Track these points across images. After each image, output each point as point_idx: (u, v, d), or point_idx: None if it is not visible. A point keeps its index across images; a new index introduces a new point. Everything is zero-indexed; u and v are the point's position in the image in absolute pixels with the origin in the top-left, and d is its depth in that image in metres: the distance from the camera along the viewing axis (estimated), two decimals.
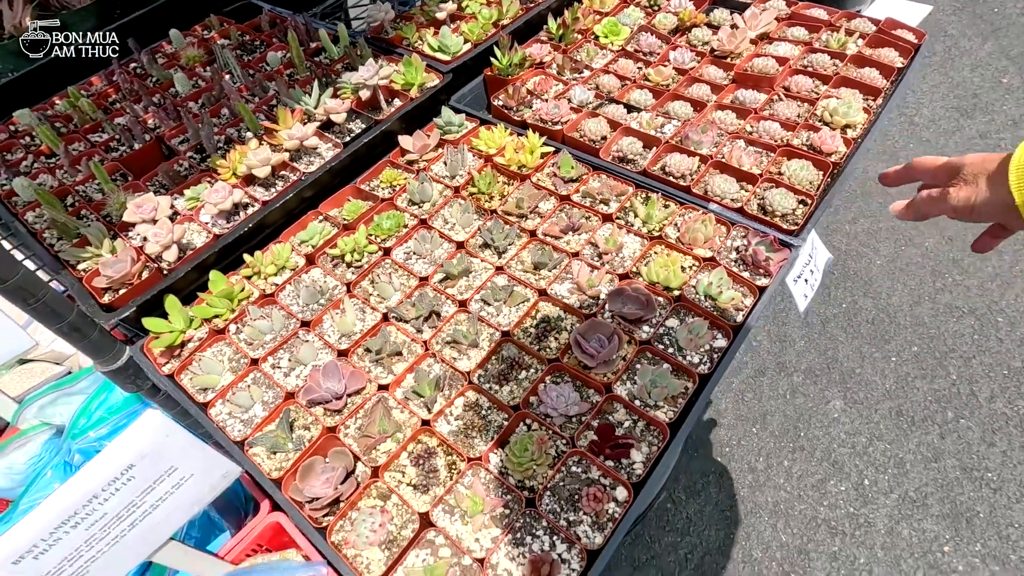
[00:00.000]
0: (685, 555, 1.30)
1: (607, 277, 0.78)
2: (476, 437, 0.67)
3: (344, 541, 0.60)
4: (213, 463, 1.04)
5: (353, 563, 0.57)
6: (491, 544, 0.59)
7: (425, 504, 0.61)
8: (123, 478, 0.92)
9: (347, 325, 0.78)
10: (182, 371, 0.78)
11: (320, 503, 0.62)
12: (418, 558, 0.59)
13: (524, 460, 0.62)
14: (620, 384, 0.69)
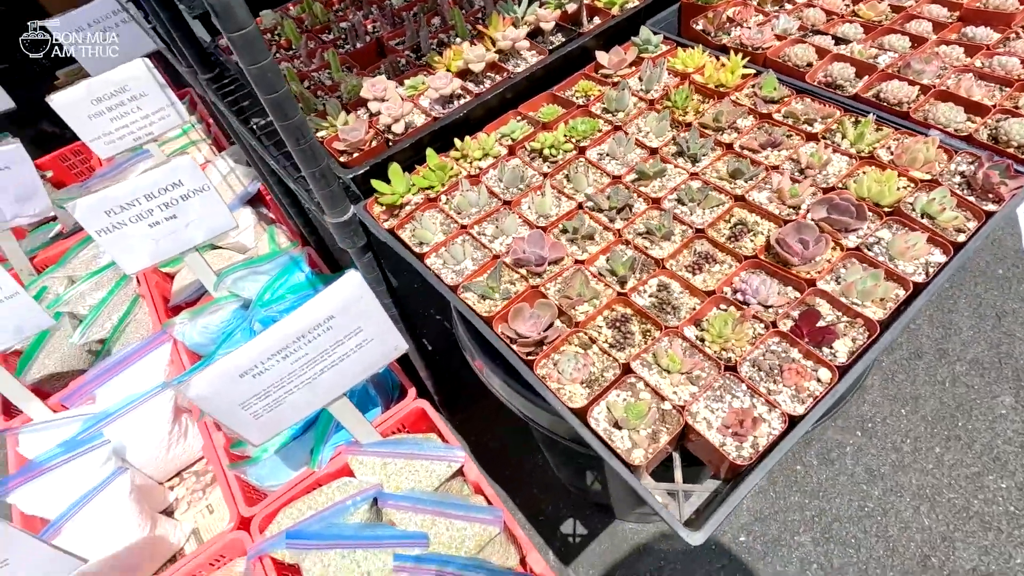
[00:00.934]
0: (812, 517, 1.26)
1: (810, 189, 0.77)
2: (670, 314, 0.70)
3: (548, 376, 0.66)
4: (390, 333, 1.16)
5: (557, 394, 0.63)
6: (689, 397, 0.62)
7: (624, 357, 0.66)
8: (324, 326, 1.05)
9: (545, 206, 0.84)
10: (400, 227, 0.88)
11: (527, 341, 0.68)
12: (619, 397, 0.64)
13: (724, 331, 0.65)
14: (823, 283, 0.67)
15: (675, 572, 1.24)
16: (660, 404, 0.61)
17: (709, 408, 0.61)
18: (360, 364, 1.15)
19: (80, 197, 1.48)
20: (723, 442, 0.57)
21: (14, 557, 0.94)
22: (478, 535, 1.15)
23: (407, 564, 1.11)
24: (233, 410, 1.03)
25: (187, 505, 1.51)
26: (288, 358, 1.04)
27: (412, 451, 1.27)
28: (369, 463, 1.28)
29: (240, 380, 1.01)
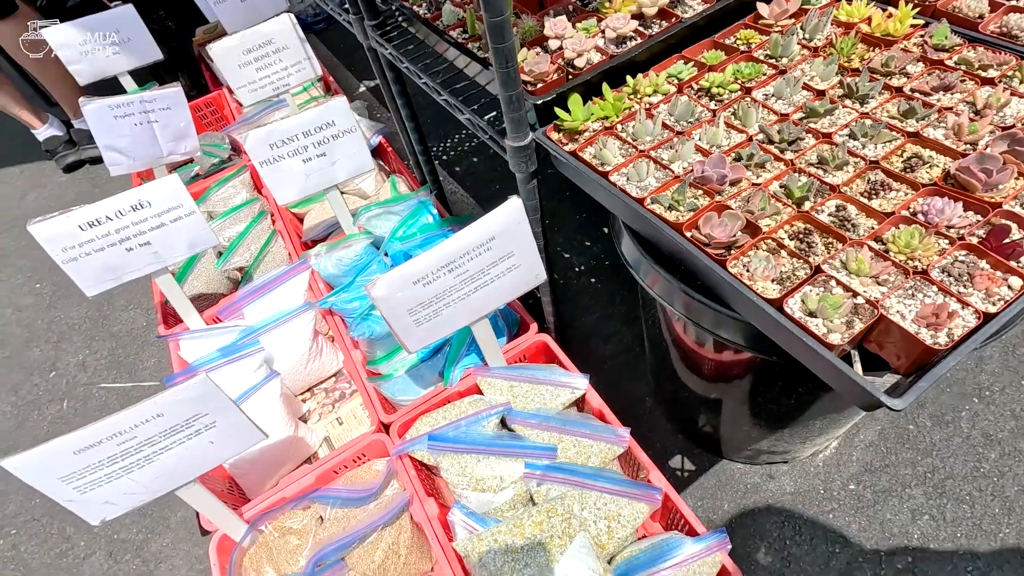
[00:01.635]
0: (924, 473, 1.29)
1: (989, 127, 0.80)
2: (850, 231, 0.76)
3: (739, 274, 0.74)
4: (535, 262, 1.26)
5: (751, 287, 0.71)
6: (880, 296, 0.68)
7: (814, 261, 0.73)
8: (485, 246, 1.16)
9: (717, 137, 0.91)
10: (581, 150, 0.97)
11: (718, 243, 0.76)
12: (812, 291, 0.71)
13: (911, 243, 0.70)
14: (1008, 206, 0.70)
15: (782, 511, 1.30)
16: (853, 299, 0.67)
17: (901, 303, 0.67)
18: (506, 288, 1.25)
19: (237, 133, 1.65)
20: (918, 331, 0.63)
21: (220, 421, 1.09)
22: (603, 452, 1.24)
23: (536, 472, 1.21)
24: (402, 314, 1.15)
25: (318, 417, 1.67)
26: (452, 272, 1.15)
27: (537, 376, 1.38)
28: (497, 385, 1.39)
29: (413, 287, 1.13)
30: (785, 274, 0.73)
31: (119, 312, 2.15)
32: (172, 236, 1.53)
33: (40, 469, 0.99)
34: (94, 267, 1.48)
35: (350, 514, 1.28)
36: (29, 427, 1.87)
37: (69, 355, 2.05)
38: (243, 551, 1.28)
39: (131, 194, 1.46)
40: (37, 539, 1.60)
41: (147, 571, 1.49)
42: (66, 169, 2.87)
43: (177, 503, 1.60)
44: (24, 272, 2.42)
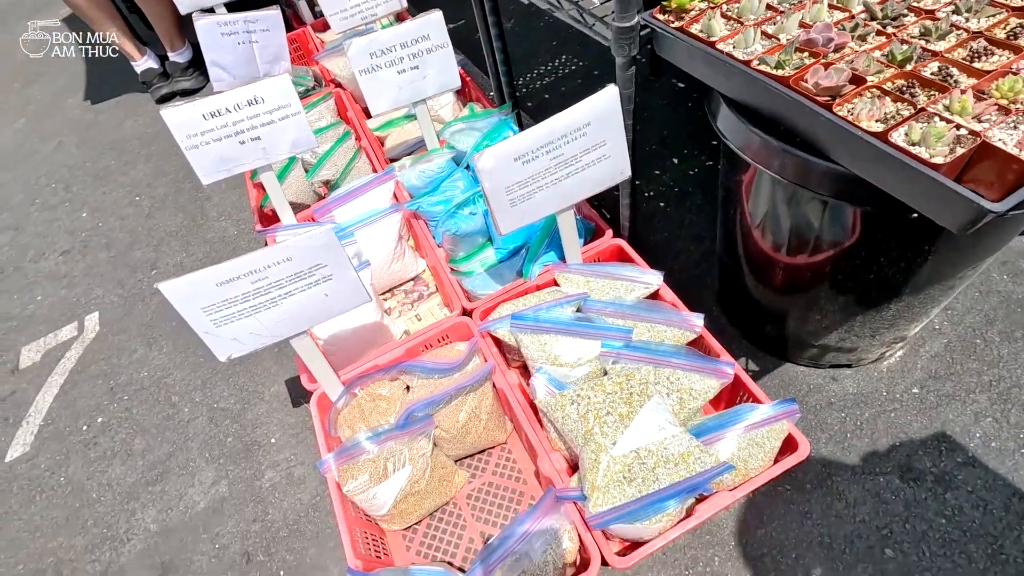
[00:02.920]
0: (989, 382, 1.33)
1: None
2: (952, 87, 0.82)
3: (845, 116, 0.80)
4: (623, 156, 1.34)
5: (856, 124, 0.77)
6: (980, 128, 0.74)
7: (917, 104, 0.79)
8: (581, 131, 1.25)
9: (820, 13, 0.97)
10: (688, 26, 1.04)
11: (823, 92, 0.83)
12: (916, 124, 0.77)
13: (1015, 87, 0.75)
14: None
15: (844, 408, 1.35)
16: (956, 131, 0.73)
17: (1004, 133, 0.72)
18: (594, 178, 1.34)
19: (327, 59, 1.77)
20: (1020, 153, 0.69)
21: (336, 275, 1.22)
22: (676, 338, 1.32)
23: (612, 350, 1.30)
24: (501, 190, 1.25)
25: (398, 314, 1.80)
26: (549, 153, 1.24)
27: (613, 272, 1.46)
28: (574, 279, 1.48)
29: (513, 163, 1.23)
30: (889, 115, 0.79)
31: (212, 222, 2.33)
32: (279, 133, 1.67)
33: (188, 296, 1.13)
34: (212, 157, 1.63)
35: (435, 383, 1.41)
36: (135, 315, 2.06)
37: (168, 256, 2.24)
38: (338, 411, 1.41)
39: (248, 89, 1.59)
40: (146, 404, 1.79)
41: (244, 434, 1.65)
42: (159, 100, 3.08)
43: (271, 378, 1.76)
44: (124, 187, 2.63)
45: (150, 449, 1.68)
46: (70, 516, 1.59)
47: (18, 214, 2.64)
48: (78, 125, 3.11)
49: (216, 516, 1.50)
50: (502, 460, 1.43)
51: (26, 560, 1.53)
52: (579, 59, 2.56)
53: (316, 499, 1.48)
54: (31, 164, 2.93)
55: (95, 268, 2.28)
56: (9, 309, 2.22)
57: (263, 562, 1.40)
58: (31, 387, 1.93)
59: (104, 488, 1.63)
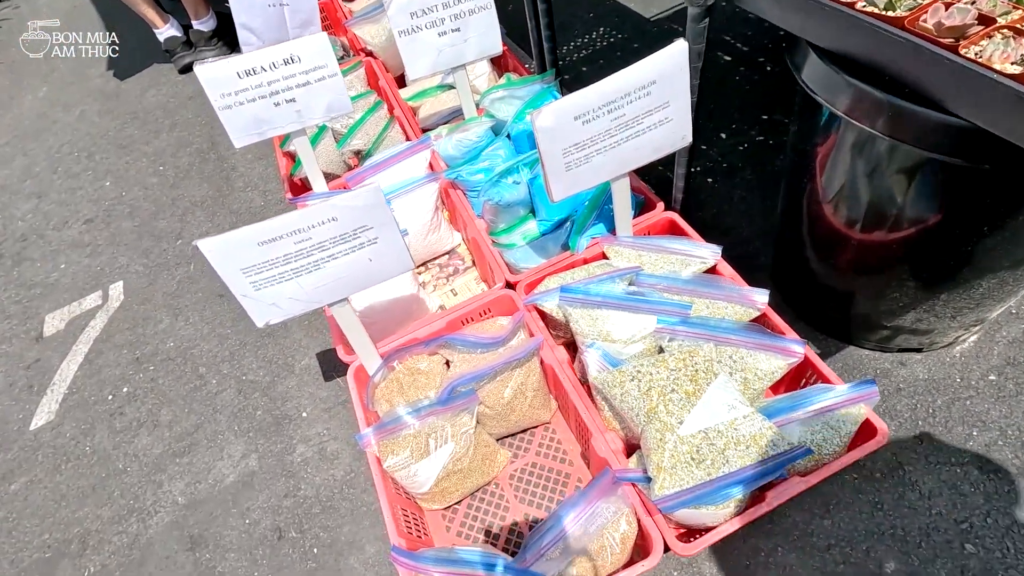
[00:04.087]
0: None
1: None
2: None
3: (973, 59, 0.72)
4: (685, 119, 1.25)
5: (988, 66, 0.69)
6: None
7: None
8: (645, 90, 1.16)
9: None
10: None
11: (945, 32, 0.74)
12: None
13: None
14: None
15: (914, 394, 1.27)
16: None
17: None
18: (654, 142, 1.25)
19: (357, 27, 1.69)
20: None
21: (381, 237, 1.15)
22: (737, 315, 1.24)
23: (668, 327, 1.22)
24: (557, 152, 1.17)
25: (433, 288, 1.73)
26: (611, 113, 1.16)
27: (666, 246, 1.38)
28: (624, 253, 1.40)
29: (573, 122, 1.14)
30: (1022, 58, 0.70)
31: (238, 192, 2.27)
32: (314, 96, 1.59)
33: (228, 255, 1.07)
34: (245, 118, 1.56)
35: (478, 358, 1.34)
36: (160, 284, 2.01)
37: (193, 227, 2.19)
38: (375, 384, 1.35)
39: (284, 47, 1.52)
40: (172, 375, 1.74)
41: (274, 407, 1.60)
42: (182, 70, 3.01)
43: (302, 351, 1.70)
44: (148, 156, 2.58)
45: (177, 420, 1.63)
46: (96, 486, 1.55)
47: (41, 182, 2.60)
48: (100, 94, 3.06)
49: (246, 490, 1.45)
50: (546, 440, 1.37)
51: (51, 529, 1.49)
52: (617, 31, 2.46)
53: (350, 475, 1.42)
54: (53, 132, 2.88)
55: (119, 237, 2.23)
56: (33, 276, 2.18)
57: (295, 539, 1.35)
58: (55, 355, 1.89)
59: (130, 459, 1.58)
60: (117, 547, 1.42)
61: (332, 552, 1.31)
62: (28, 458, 1.65)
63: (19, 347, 1.94)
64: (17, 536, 1.49)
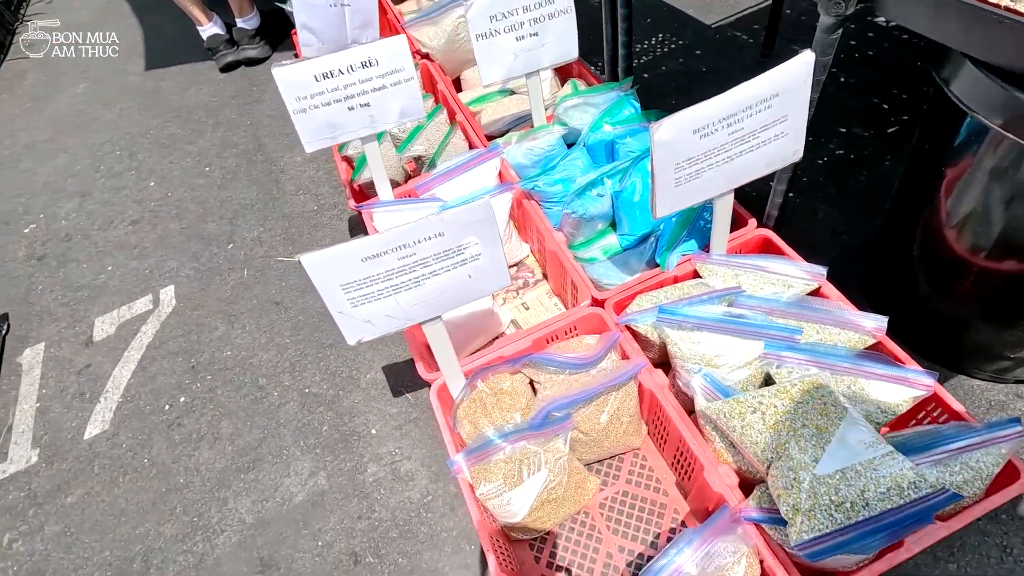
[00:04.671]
0: None
1: None
2: None
3: None
4: (799, 134, 1.19)
5: None
6: None
7: None
8: (766, 103, 1.10)
9: None
10: None
11: None
12: None
13: None
14: None
15: None
16: None
17: None
18: (766, 158, 1.19)
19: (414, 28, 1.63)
20: None
21: (485, 253, 1.09)
22: (851, 342, 1.17)
23: (775, 353, 1.16)
24: (670, 167, 1.11)
25: (503, 301, 1.67)
26: (730, 127, 1.10)
27: (765, 265, 1.31)
28: (719, 272, 1.34)
29: (691, 136, 1.08)
30: None
31: (288, 196, 2.22)
32: (389, 100, 1.54)
33: (329, 270, 1.01)
34: (318, 122, 1.50)
35: (568, 379, 1.27)
36: (213, 290, 1.96)
37: (244, 231, 2.13)
38: (457, 405, 1.29)
39: (362, 50, 1.47)
40: (232, 386, 1.69)
41: (340, 422, 1.54)
42: (224, 68, 2.96)
43: (367, 364, 1.64)
44: (192, 156, 2.53)
45: (239, 434, 1.58)
46: (156, 501, 1.49)
47: (83, 180, 2.56)
48: (139, 92, 3.02)
49: (317, 510, 1.40)
50: (636, 467, 1.30)
51: (112, 546, 1.44)
52: (677, 37, 2.39)
53: (427, 499, 1.36)
54: (94, 130, 2.84)
55: (167, 239, 2.18)
56: (79, 278, 2.13)
57: (372, 564, 1.29)
58: (107, 361, 1.84)
59: (192, 473, 1.52)
60: (182, 567, 1.37)
61: None
62: (84, 469, 1.60)
63: (68, 351, 1.89)
64: (76, 552, 1.44)
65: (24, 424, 1.73)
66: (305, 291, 1.87)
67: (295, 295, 1.87)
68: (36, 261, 2.24)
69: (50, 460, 1.63)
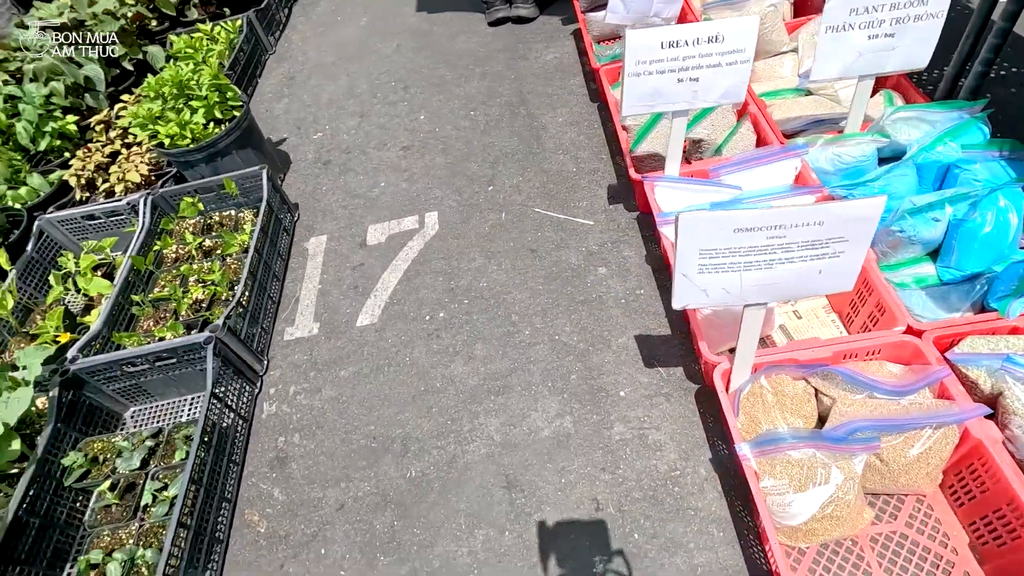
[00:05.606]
0: None
1: None
2: None
3: None
4: None
5: None
6: None
7: None
8: None
9: None
10: None
11: None
12: None
13: None
14: None
15: None
16: None
17: None
18: None
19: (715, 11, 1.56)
20: None
21: (847, 252, 1.05)
22: None
23: None
24: None
25: (776, 304, 1.62)
26: None
27: None
28: None
29: None
30: None
31: (549, 153, 2.32)
32: (719, 78, 1.53)
33: (699, 231, 1.03)
34: (645, 88, 1.54)
35: (870, 402, 1.21)
36: (472, 224, 2.12)
37: (505, 177, 2.27)
38: (739, 395, 1.28)
39: (712, 25, 1.46)
40: (486, 315, 1.83)
41: (589, 375, 1.61)
42: (493, 23, 3.15)
43: (618, 328, 1.69)
44: (459, 99, 2.73)
45: (490, 359, 1.71)
46: (415, 397, 1.67)
47: (363, 103, 2.87)
48: (414, 32, 3.30)
49: (561, 449, 1.48)
50: (918, 513, 1.21)
51: (376, 423, 1.64)
52: (1012, 63, 2.11)
53: (675, 473, 1.38)
54: (373, 61, 3.17)
55: (433, 170, 2.39)
56: (356, 187, 2.41)
57: (614, 516, 1.34)
58: (377, 264, 2.07)
59: (447, 382, 1.68)
60: (436, 461, 1.52)
61: (654, 544, 1.29)
62: (355, 351, 1.83)
63: (346, 248, 2.17)
64: (347, 418, 1.67)
65: (308, 300, 2.02)
66: (560, 245, 1.96)
67: (550, 247, 1.96)
68: (322, 165, 2.57)
69: (328, 335, 1.89)
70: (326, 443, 1.63)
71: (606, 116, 2.39)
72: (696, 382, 1.53)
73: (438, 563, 1.36)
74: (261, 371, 1.83)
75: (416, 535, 1.41)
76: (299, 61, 3.35)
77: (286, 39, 3.60)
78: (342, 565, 1.40)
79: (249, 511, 1.54)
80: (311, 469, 1.59)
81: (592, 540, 1.32)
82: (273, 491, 1.56)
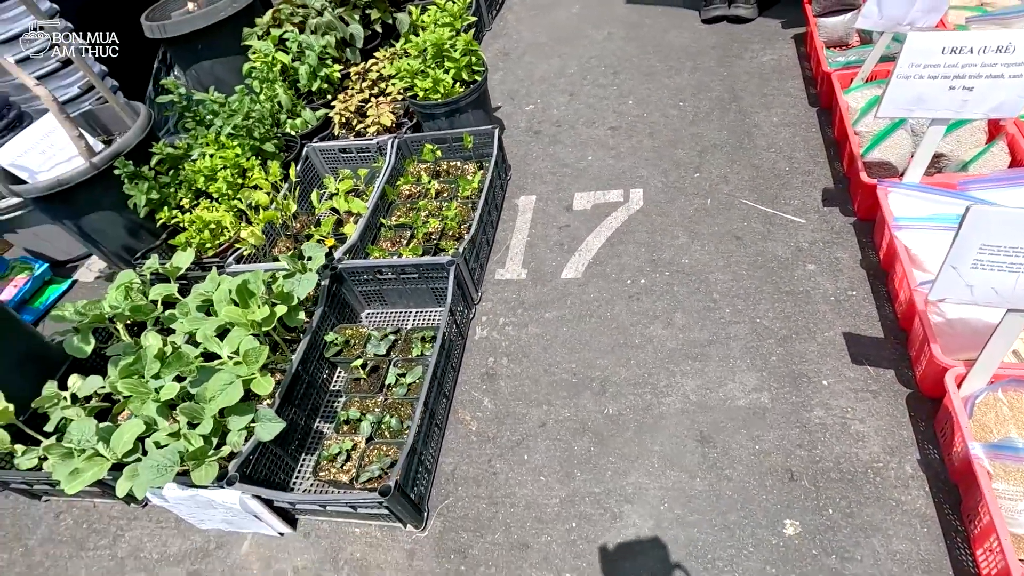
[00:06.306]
0: None
1: None
2: None
3: None
4: None
5: None
6: None
7: None
8: None
9: None
10: None
11: None
12: None
13: None
14: None
15: None
16: None
17: None
18: None
19: None
20: None
21: None
22: None
23: None
24: None
25: None
26: None
27: None
28: None
29: None
30: None
31: (760, 151, 2.36)
32: (996, 90, 1.50)
33: (986, 225, 1.07)
34: (911, 93, 1.55)
35: None
36: (677, 205, 2.24)
37: (712, 166, 2.36)
38: (975, 402, 1.28)
39: (1002, 35, 1.44)
40: (687, 288, 1.94)
41: (790, 360, 1.67)
42: (707, 20, 3.21)
43: (825, 323, 1.72)
44: (669, 89, 2.84)
45: (689, 328, 1.82)
46: (614, 347, 1.83)
47: (573, 83, 3.08)
48: (625, 23, 3.45)
49: (757, 420, 1.56)
50: None
51: (576, 362, 1.83)
52: None
53: (877, 464, 1.42)
54: (583, 46, 3.36)
55: (639, 151, 2.53)
56: (565, 157, 2.62)
57: (808, 489, 1.41)
58: (582, 227, 2.26)
59: (646, 341, 1.83)
60: (632, 405, 1.68)
61: (849, 522, 1.34)
62: (559, 299, 2.03)
63: (553, 209, 2.38)
64: (550, 354, 1.87)
65: (517, 248, 2.27)
66: (767, 237, 2.02)
67: (756, 237, 2.03)
68: (533, 134, 2.82)
69: (534, 281, 2.12)
70: (531, 370, 1.85)
71: (825, 121, 2.38)
72: (908, 387, 1.54)
73: (631, 490, 1.51)
74: (476, 300, 2.10)
75: (611, 462, 1.58)
76: (513, 39, 3.65)
77: (502, 18, 3.92)
78: (542, 472, 1.60)
79: (462, 411, 1.80)
80: (517, 388, 1.81)
81: (783, 504, 1.40)
82: (483, 400, 1.81)
